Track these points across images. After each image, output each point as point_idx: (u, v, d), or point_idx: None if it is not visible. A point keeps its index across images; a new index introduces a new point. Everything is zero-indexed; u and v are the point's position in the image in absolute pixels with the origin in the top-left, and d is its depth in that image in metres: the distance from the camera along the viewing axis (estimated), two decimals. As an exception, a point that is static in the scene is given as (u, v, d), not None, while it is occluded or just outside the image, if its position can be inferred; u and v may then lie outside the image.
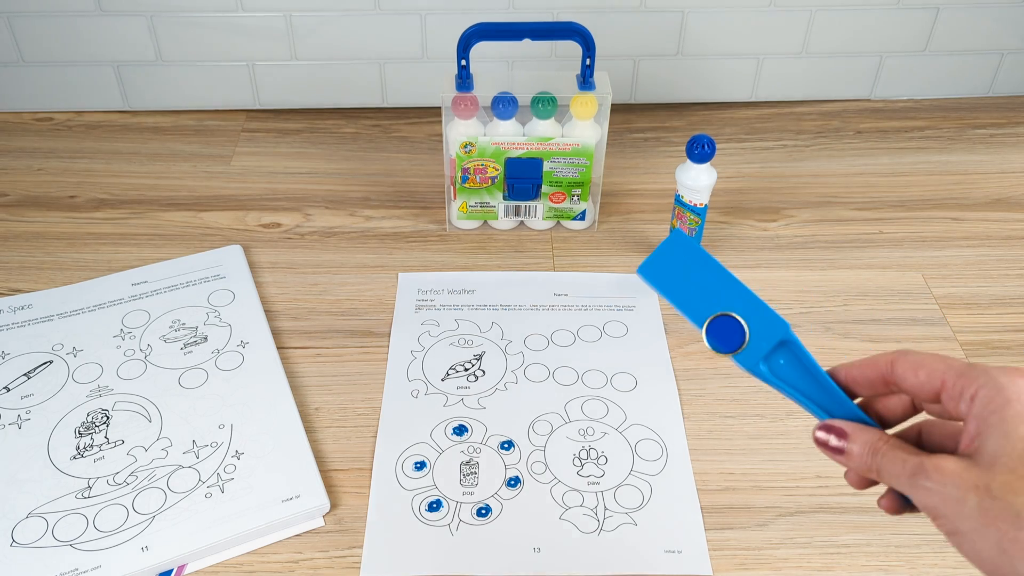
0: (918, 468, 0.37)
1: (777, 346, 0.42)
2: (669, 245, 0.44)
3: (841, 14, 0.99)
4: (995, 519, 0.34)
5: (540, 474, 0.64)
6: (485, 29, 0.76)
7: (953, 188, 0.94)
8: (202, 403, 0.69)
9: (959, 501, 0.35)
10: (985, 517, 0.34)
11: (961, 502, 0.35)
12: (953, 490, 0.36)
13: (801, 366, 0.42)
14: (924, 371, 0.39)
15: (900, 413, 0.43)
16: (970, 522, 0.35)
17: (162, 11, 0.95)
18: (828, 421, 0.41)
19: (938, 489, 0.36)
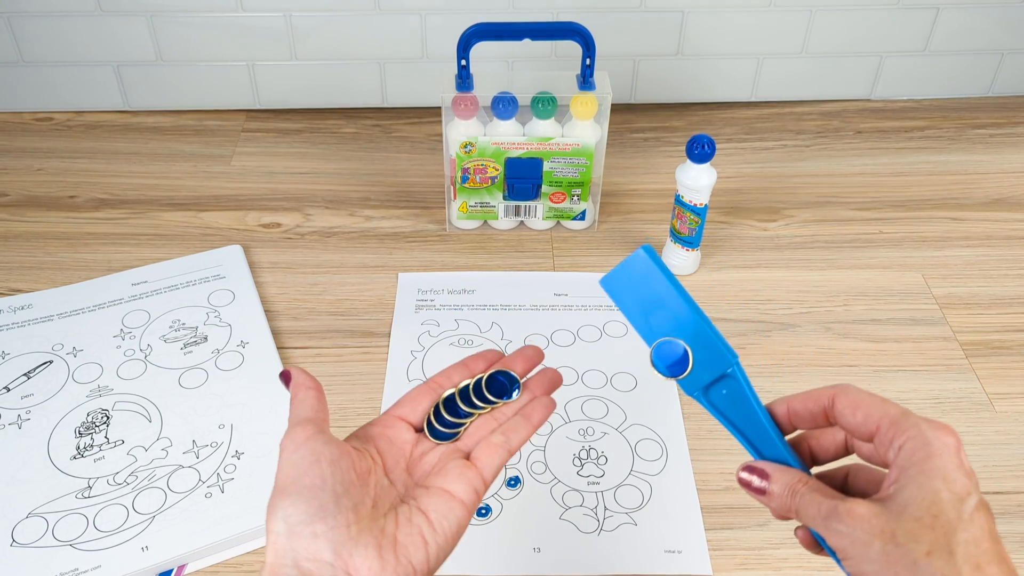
0: (831, 511, 0.39)
1: (720, 378, 0.43)
2: (633, 261, 0.44)
3: (841, 14, 0.99)
4: (894, 564, 0.36)
5: (540, 474, 0.64)
6: (485, 29, 0.76)
7: (953, 188, 0.94)
8: (202, 403, 0.69)
9: (866, 545, 0.37)
10: (887, 561, 0.36)
11: (867, 546, 0.37)
12: (861, 534, 0.37)
13: (741, 401, 0.43)
14: (861, 412, 0.40)
15: (832, 452, 0.44)
16: (874, 566, 0.37)
17: (162, 11, 0.95)
18: (751, 462, 0.43)
19: (848, 532, 0.38)
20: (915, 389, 0.71)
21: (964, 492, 0.37)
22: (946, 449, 0.38)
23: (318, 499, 0.39)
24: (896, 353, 0.74)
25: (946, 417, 0.69)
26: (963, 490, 0.37)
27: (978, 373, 0.73)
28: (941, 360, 0.74)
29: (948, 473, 0.37)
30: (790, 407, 0.43)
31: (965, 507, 0.36)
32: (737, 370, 0.43)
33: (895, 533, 0.36)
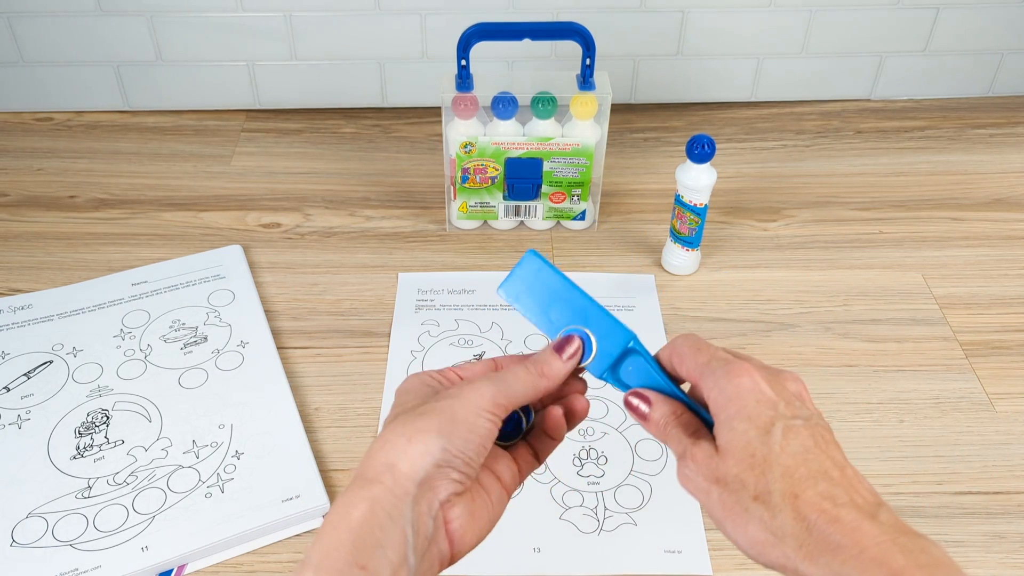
0: (683, 452, 0.41)
1: (623, 355, 0.45)
2: (523, 265, 0.48)
3: (841, 14, 0.99)
4: (730, 510, 0.39)
5: (540, 474, 0.64)
6: (485, 29, 0.76)
7: (953, 188, 0.94)
8: (202, 403, 0.69)
9: (706, 492, 0.40)
10: (724, 508, 0.39)
11: (707, 492, 0.40)
12: (701, 481, 0.40)
13: (644, 372, 0.45)
14: (684, 365, 0.44)
15: None
16: (716, 511, 0.39)
17: (162, 11, 0.95)
18: (639, 388, 0.45)
19: (692, 476, 0.41)
20: (915, 389, 0.71)
21: (768, 423, 0.39)
22: (740, 389, 0.40)
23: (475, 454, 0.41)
24: (896, 353, 0.74)
25: (946, 417, 0.69)
26: (767, 422, 0.39)
27: (978, 373, 0.73)
28: (941, 360, 0.74)
29: (749, 411, 0.39)
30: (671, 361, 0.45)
31: (772, 438, 0.39)
32: (636, 344, 0.45)
33: (725, 479, 0.39)
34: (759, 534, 0.38)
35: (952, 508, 0.63)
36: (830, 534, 0.36)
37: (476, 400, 0.41)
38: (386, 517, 0.38)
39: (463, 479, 0.41)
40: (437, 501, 0.40)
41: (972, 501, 0.63)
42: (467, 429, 0.41)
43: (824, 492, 0.37)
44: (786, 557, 0.37)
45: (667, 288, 0.81)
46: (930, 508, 0.63)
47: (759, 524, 0.38)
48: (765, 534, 0.38)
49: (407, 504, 0.38)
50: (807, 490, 0.37)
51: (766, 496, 0.38)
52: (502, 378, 0.43)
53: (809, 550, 0.36)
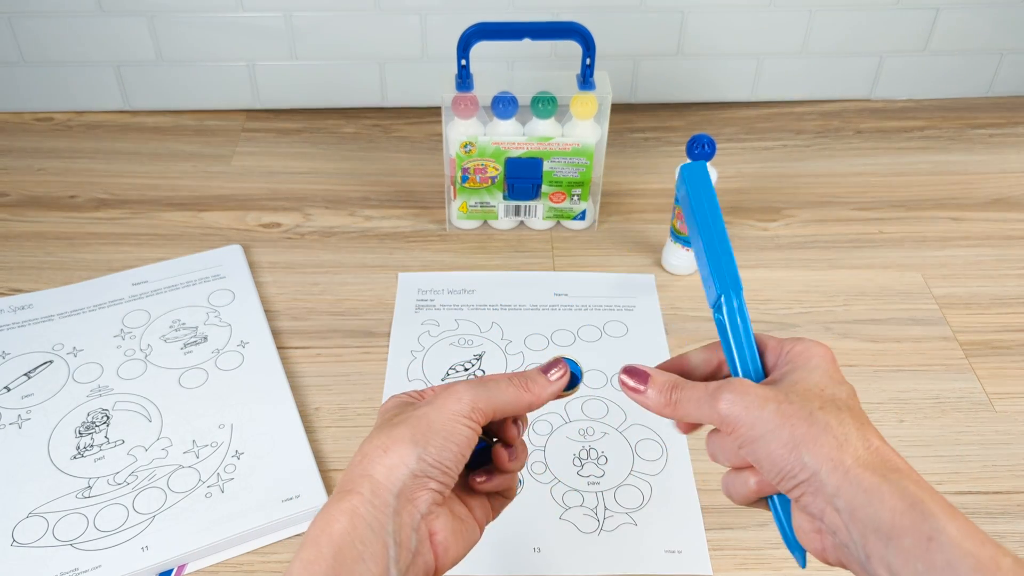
0: (721, 386, 0.41)
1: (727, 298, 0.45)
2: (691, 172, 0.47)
3: (841, 14, 0.99)
4: (790, 418, 0.39)
5: (540, 474, 0.64)
6: (485, 29, 0.76)
7: (953, 188, 0.94)
8: (202, 403, 0.69)
9: (759, 407, 0.39)
10: (782, 417, 0.39)
11: (761, 407, 0.39)
12: (754, 399, 0.40)
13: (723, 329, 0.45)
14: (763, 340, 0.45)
15: None
16: (767, 424, 0.39)
17: (162, 11, 0.95)
18: (632, 364, 0.46)
19: (739, 399, 0.40)
20: (915, 389, 0.71)
21: (840, 379, 0.41)
22: (824, 355, 0.42)
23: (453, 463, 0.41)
24: (896, 353, 0.74)
25: (946, 417, 0.69)
26: (839, 377, 0.41)
27: (978, 373, 0.73)
28: (941, 360, 0.74)
29: (828, 371, 0.41)
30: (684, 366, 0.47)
31: (843, 389, 0.41)
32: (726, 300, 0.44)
33: (787, 396, 0.40)
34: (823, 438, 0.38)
35: (952, 508, 0.63)
36: (889, 458, 0.38)
37: (453, 405, 0.41)
38: (367, 530, 0.38)
39: (442, 488, 0.41)
40: (419, 514, 0.40)
41: (972, 501, 0.63)
42: (443, 436, 0.41)
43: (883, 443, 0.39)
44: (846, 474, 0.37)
45: (667, 288, 0.81)
46: (930, 508, 0.63)
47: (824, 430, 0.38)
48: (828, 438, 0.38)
49: (388, 517, 0.38)
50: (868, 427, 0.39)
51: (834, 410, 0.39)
52: (483, 384, 0.43)
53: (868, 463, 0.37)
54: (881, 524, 0.35)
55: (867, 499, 0.36)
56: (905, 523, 0.35)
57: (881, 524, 0.35)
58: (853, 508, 0.36)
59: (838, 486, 0.37)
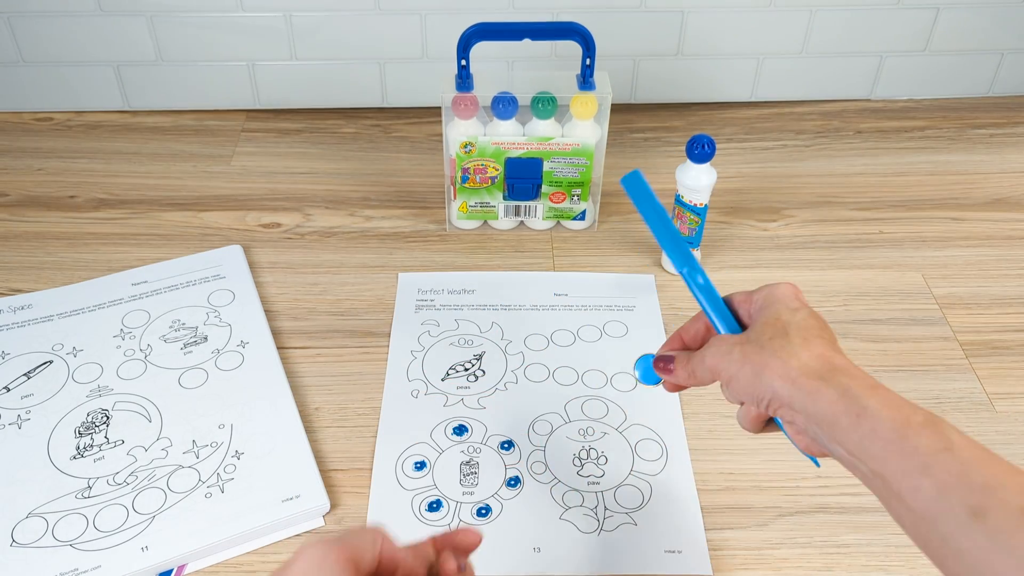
0: (707, 346, 0.51)
1: None
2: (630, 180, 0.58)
3: (841, 14, 0.99)
4: (749, 355, 0.47)
5: (540, 474, 0.64)
6: (485, 29, 0.76)
7: (953, 188, 0.94)
8: (202, 403, 0.69)
9: (728, 352, 0.49)
10: (744, 356, 0.48)
11: (729, 353, 0.49)
12: (724, 347, 0.49)
13: None
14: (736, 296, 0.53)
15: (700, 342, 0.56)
16: (735, 364, 0.48)
17: (162, 11, 0.95)
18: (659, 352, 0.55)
19: (716, 351, 0.50)
20: (915, 389, 0.71)
21: (796, 306, 0.49)
22: (783, 290, 0.50)
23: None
24: (896, 353, 0.74)
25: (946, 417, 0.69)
26: (795, 304, 0.49)
27: (978, 373, 0.73)
28: (941, 360, 0.74)
29: (786, 302, 0.49)
30: None
31: (797, 314, 0.48)
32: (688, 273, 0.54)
33: (748, 336, 0.49)
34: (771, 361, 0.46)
35: (952, 508, 0.63)
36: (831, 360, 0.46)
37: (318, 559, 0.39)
38: None
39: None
40: None
41: (972, 501, 0.63)
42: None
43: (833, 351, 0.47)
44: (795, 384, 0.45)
45: (667, 288, 0.81)
46: (930, 508, 0.63)
47: (772, 354, 0.46)
48: (777, 361, 0.46)
49: None
50: (815, 339, 0.47)
51: (782, 336, 0.47)
52: None
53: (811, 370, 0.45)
54: (824, 415, 0.44)
55: (811, 399, 0.44)
56: (839, 409, 0.43)
57: (824, 415, 0.44)
58: (805, 408, 0.45)
59: (791, 395, 0.45)
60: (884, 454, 0.41)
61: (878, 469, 0.42)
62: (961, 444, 0.40)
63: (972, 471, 0.39)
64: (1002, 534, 0.36)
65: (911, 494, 0.40)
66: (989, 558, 0.36)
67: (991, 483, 0.38)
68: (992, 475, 0.38)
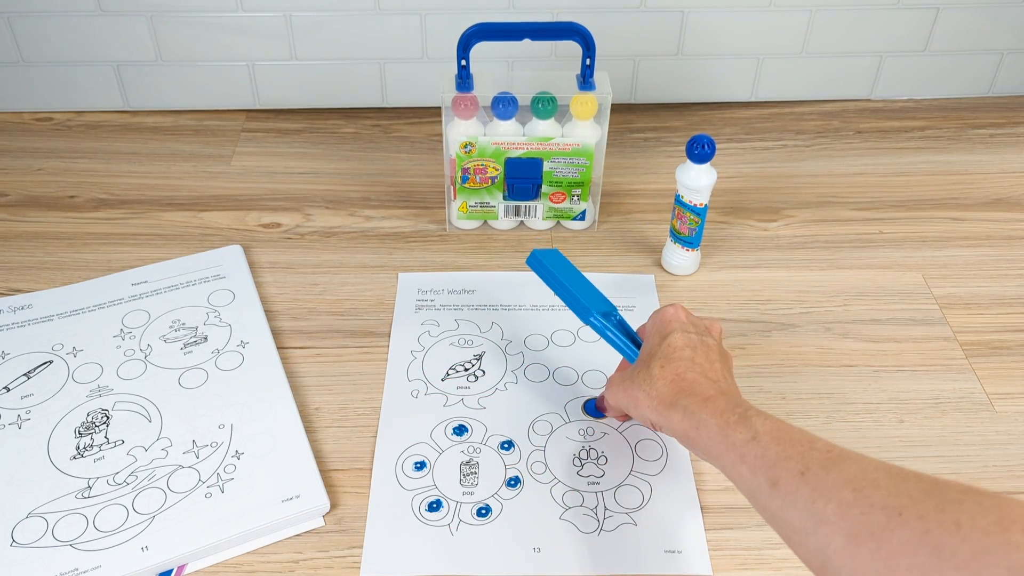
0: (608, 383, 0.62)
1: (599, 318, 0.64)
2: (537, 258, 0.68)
3: (841, 14, 0.99)
4: (628, 390, 0.58)
5: (540, 474, 0.64)
6: (485, 29, 0.76)
7: (953, 188, 0.94)
8: (202, 403, 0.69)
9: (616, 390, 0.60)
10: (625, 391, 0.58)
11: (616, 390, 0.59)
12: (614, 385, 0.60)
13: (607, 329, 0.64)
14: None
15: None
16: (623, 398, 0.58)
17: (162, 11, 0.95)
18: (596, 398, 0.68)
19: (609, 387, 0.61)
20: (915, 389, 0.71)
21: (668, 332, 0.57)
22: (664, 315, 0.59)
23: None
24: (896, 353, 0.74)
25: (946, 417, 0.69)
26: (668, 331, 0.57)
27: (978, 373, 0.73)
28: (941, 360, 0.74)
29: (661, 327, 0.58)
30: None
31: (666, 340, 0.57)
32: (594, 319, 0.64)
33: (626, 373, 0.59)
34: (639, 395, 0.56)
35: (952, 508, 0.63)
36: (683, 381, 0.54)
37: None
38: None
39: None
40: None
41: (972, 501, 0.63)
42: None
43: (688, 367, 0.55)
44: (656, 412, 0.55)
45: (667, 288, 0.81)
46: (930, 508, 0.63)
47: (639, 388, 0.56)
48: (643, 394, 0.56)
49: None
50: (676, 362, 0.56)
51: (645, 367, 0.57)
52: None
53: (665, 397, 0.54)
54: (680, 435, 0.54)
55: (668, 423, 0.54)
56: (687, 426, 0.53)
57: (680, 435, 0.54)
58: (668, 430, 0.55)
59: (658, 421, 0.55)
60: (719, 453, 0.50)
61: (720, 466, 0.51)
62: (763, 430, 0.49)
63: (769, 451, 0.48)
64: (789, 495, 0.45)
65: (739, 480, 0.49)
66: (786, 515, 0.45)
67: (780, 457, 0.47)
68: (782, 450, 0.47)
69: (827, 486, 0.44)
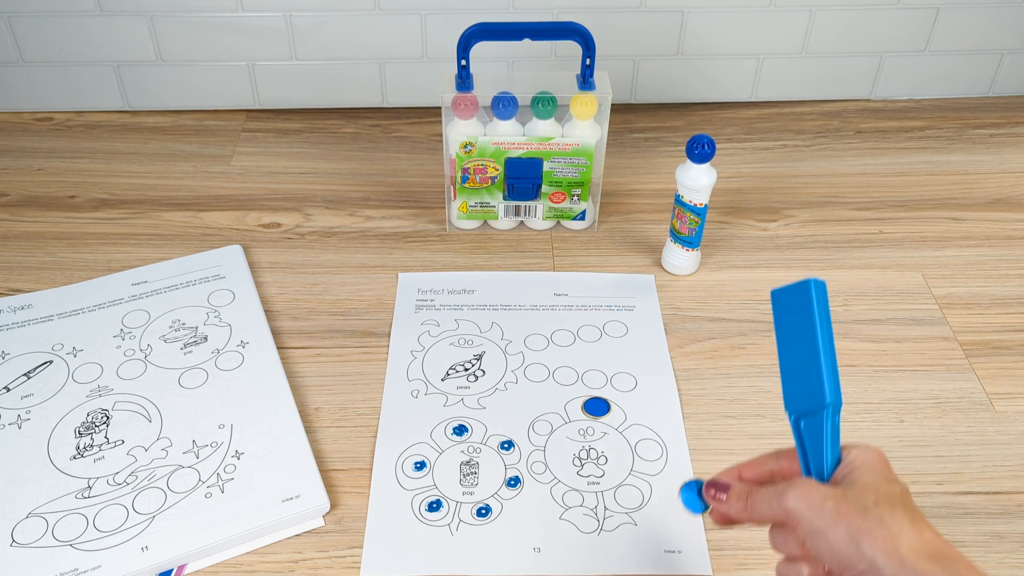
0: (788, 486, 0.47)
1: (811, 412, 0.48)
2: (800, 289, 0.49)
3: (841, 14, 0.99)
4: (846, 512, 0.44)
5: (540, 474, 0.64)
6: (485, 29, 0.76)
7: (953, 188, 0.94)
8: (202, 403, 0.69)
9: (820, 505, 0.45)
10: (838, 514, 0.44)
11: (821, 506, 0.45)
12: (816, 496, 0.45)
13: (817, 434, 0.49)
14: None
15: None
16: (827, 519, 0.44)
17: (162, 11, 0.95)
18: (714, 479, 0.51)
19: (803, 496, 0.46)
20: (915, 389, 0.71)
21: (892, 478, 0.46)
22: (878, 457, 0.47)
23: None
24: (896, 353, 0.74)
25: (946, 417, 0.69)
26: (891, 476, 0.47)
27: (978, 373, 0.73)
28: (941, 360, 0.74)
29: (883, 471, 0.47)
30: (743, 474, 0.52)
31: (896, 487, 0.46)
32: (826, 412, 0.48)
33: (846, 494, 0.45)
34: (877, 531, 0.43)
35: (952, 508, 0.63)
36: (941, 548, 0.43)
37: None
38: None
39: None
40: None
41: (972, 501, 0.63)
42: None
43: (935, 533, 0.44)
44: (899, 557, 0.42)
45: (667, 288, 0.81)
46: (930, 508, 0.63)
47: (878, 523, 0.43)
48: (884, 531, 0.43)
49: None
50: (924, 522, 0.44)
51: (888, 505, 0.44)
52: None
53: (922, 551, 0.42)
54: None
55: None
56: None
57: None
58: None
59: (896, 573, 0.42)
60: None
61: None
62: None
63: None
64: None
65: None
66: None
67: None
68: None
69: None
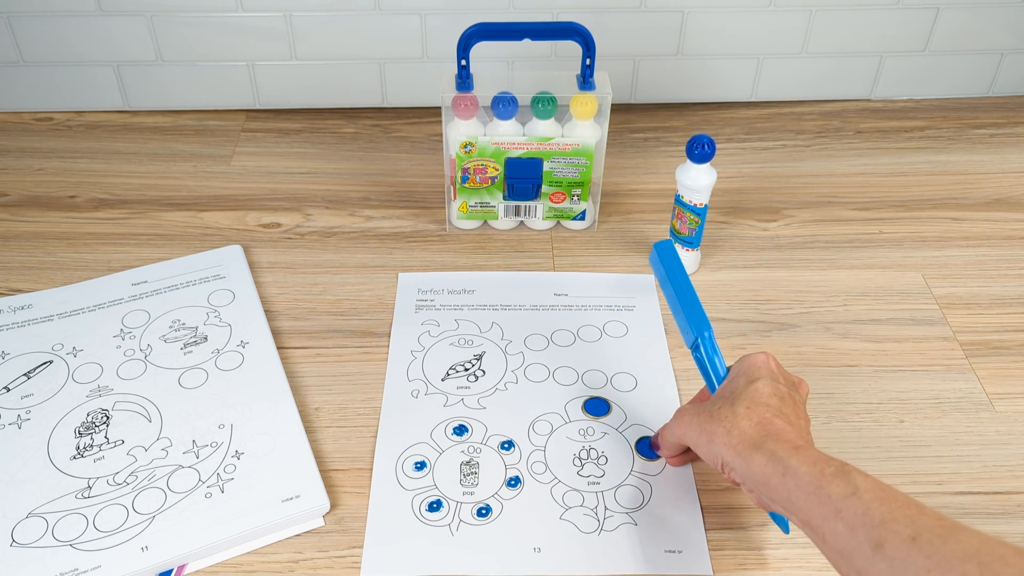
0: (674, 415, 0.60)
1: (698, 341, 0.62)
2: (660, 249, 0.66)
3: (841, 14, 0.99)
4: (703, 423, 0.55)
5: (540, 474, 0.64)
6: (485, 29, 0.76)
7: (953, 188, 0.94)
8: (202, 403, 0.69)
9: (688, 423, 0.57)
10: (698, 425, 0.56)
11: (689, 423, 0.57)
12: (686, 416, 0.58)
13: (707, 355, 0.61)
14: None
15: None
16: (693, 432, 0.57)
17: (162, 11, 0.95)
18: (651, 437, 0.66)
19: (680, 419, 0.59)
20: (915, 389, 0.71)
21: (755, 375, 0.55)
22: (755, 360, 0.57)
23: None
24: (896, 353, 0.74)
25: (946, 417, 0.69)
26: (754, 373, 0.56)
27: (978, 373, 0.73)
28: (941, 360, 0.74)
29: (750, 372, 0.56)
30: None
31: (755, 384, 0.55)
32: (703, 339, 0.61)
33: (703, 407, 0.57)
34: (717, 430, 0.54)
35: (952, 508, 0.63)
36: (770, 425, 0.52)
37: None
38: None
39: None
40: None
41: (972, 501, 0.63)
42: None
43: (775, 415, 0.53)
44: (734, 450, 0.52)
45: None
46: (930, 508, 0.63)
47: (718, 423, 0.54)
48: (722, 429, 0.53)
49: None
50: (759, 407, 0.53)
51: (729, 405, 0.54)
52: None
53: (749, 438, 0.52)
54: (758, 477, 0.51)
55: (748, 465, 0.51)
56: (768, 471, 0.50)
57: (758, 477, 0.51)
58: (743, 472, 0.52)
59: (733, 461, 0.53)
60: (806, 505, 0.48)
61: (804, 518, 0.48)
62: (865, 487, 0.46)
63: (872, 510, 0.45)
64: (896, 560, 0.43)
65: (831, 536, 0.46)
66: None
67: (887, 518, 0.44)
68: (888, 511, 0.44)
69: (945, 556, 0.41)
